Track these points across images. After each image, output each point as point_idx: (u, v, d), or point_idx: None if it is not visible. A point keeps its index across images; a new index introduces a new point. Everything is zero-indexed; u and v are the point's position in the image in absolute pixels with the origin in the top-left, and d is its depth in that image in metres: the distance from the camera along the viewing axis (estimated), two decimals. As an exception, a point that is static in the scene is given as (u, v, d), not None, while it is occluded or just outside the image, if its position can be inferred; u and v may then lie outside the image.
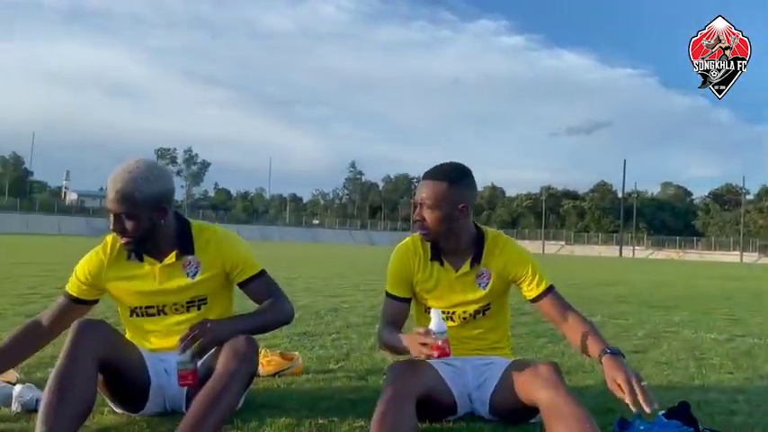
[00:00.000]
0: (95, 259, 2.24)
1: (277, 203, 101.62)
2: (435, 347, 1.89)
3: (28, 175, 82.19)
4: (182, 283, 2.22)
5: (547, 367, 2.02)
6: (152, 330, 2.26)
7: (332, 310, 5.75)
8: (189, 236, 2.23)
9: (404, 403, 1.91)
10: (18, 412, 2.25)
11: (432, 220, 2.20)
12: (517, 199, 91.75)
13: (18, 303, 5.41)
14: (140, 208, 2.06)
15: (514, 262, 2.31)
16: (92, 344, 1.87)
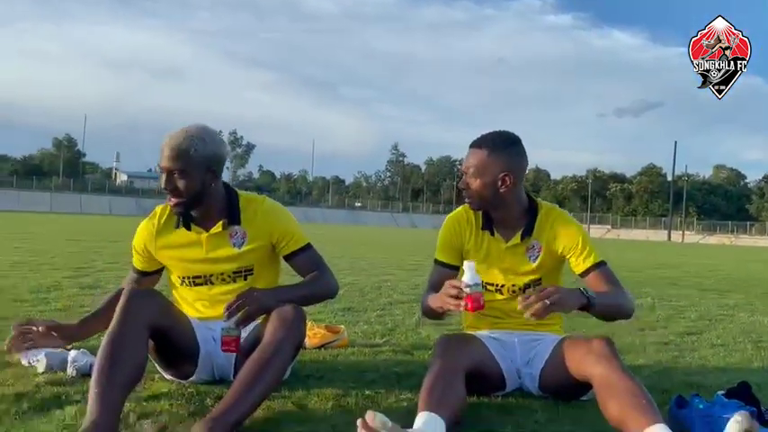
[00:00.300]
0: (145, 229, 2.29)
1: (320, 185, 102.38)
2: (468, 298, 1.87)
3: (80, 156, 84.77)
4: (228, 253, 2.23)
5: (600, 342, 1.95)
6: (199, 300, 2.28)
7: (376, 288, 5.76)
8: (236, 206, 2.24)
9: (453, 376, 1.89)
10: (73, 376, 2.31)
11: (475, 188, 2.18)
12: (562, 182, 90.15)
13: (73, 277, 5.58)
14: (194, 166, 2.07)
15: (565, 235, 2.24)
16: (143, 310, 1.90)
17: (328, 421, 1.94)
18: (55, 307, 3.91)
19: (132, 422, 1.85)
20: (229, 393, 1.77)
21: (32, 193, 57.36)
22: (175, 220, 2.25)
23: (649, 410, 1.69)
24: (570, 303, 1.93)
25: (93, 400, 1.66)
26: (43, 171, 75.33)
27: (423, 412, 1.73)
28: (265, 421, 1.91)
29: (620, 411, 1.73)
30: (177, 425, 1.85)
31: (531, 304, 1.84)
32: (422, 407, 1.76)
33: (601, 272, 2.20)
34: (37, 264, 6.60)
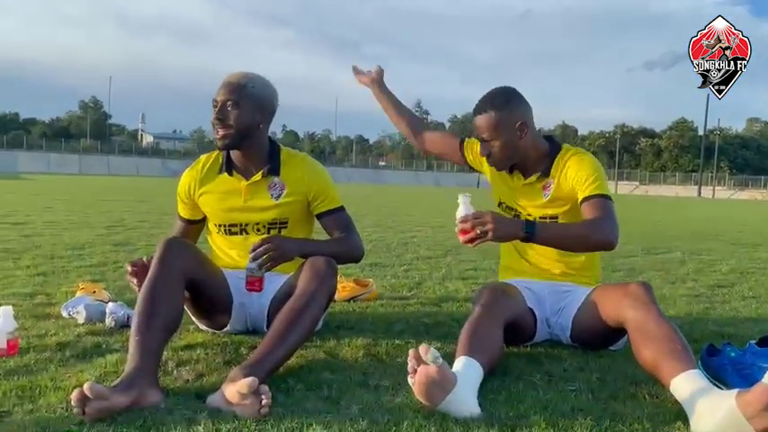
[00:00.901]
0: (189, 176, 2.34)
1: (344, 145, 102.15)
2: (461, 233, 1.89)
3: (107, 118, 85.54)
4: (265, 204, 2.26)
5: (638, 286, 1.94)
6: (233, 249, 2.31)
7: (402, 244, 5.79)
8: (278, 157, 2.28)
9: (493, 325, 1.92)
10: (111, 327, 2.39)
11: (497, 151, 2.19)
12: (590, 138, 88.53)
13: (105, 234, 5.70)
14: (248, 99, 2.14)
15: (575, 169, 2.21)
16: (178, 260, 1.93)
17: (359, 369, 1.98)
18: (90, 263, 4.01)
19: (170, 369, 1.91)
20: (264, 341, 1.82)
21: (62, 155, 58.30)
22: (218, 166, 2.30)
23: (684, 356, 1.69)
24: (503, 233, 1.91)
25: (134, 348, 1.71)
26: (71, 133, 76.34)
27: (462, 356, 1.76)
28: (299, 369, 1.96)
29: (655, 357, 1.73)
30: (213, 372, 1.91)
31: (464, 228, 1.88)
32: (461, 351, 1.79)
33: (595, 202, 2.11)
34: (70, 222, 6.75)
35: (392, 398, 1.71)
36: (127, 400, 1.55)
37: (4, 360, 1.94)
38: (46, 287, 3.17)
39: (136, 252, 4.59)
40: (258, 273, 2.03)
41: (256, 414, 1.54)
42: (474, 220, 1.86)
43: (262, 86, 2.20)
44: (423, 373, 1.58)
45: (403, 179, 64.91)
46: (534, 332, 2.23)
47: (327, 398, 1.71)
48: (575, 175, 2.19)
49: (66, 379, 1.80)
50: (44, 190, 15.43)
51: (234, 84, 2.15)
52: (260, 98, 2.18)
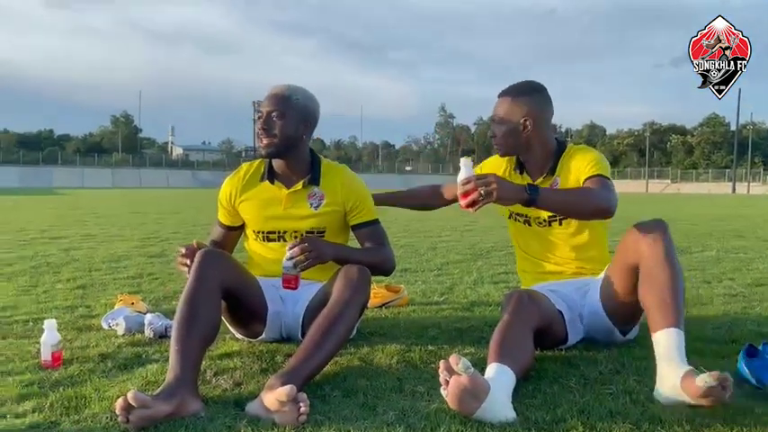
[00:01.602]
0: (231, 183, 2.40)
1: (369, 151, 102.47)
2: (463, 196, 1.88)
3: (138, 132, 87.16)
4: (304, 213, 2.31)
5: (653, 223, 2.01)
6: (270, 256, 2.35)
7: (431, 249, 5.78)
8: (318, 168, 2.34)
9: (523, 331, 1.92)
10: (150, 337, 2.44)
11: (499, 134, 2.31)
12: (618, 137, 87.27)
13: (140, 246, 5.82)
14: (292, 110, 2.22)
15: (578, 162, 2.26)
16: (215, 271, 1.97)
17: (394, 375, 1.99)
18: (127, 275, 4.10)
19: (209, 378, 1.95)
20: (300, 349, 1.85)
21: (95, 170, 59.59)
22: (260, 174, 2.36)
23: (670, 311, 1.81)
24: (506, 195, 1.88)
25: (174, 357, 1.75)
26: (104, 148, 77.98)
27: (493, 363, 1.76)
28: (335, 375, 1.98)
29: (648, 305, 1.88)
30: (251, 381, 1.94)
31: (466, 191, 1.86)
32: (492, 358, 1.79)
33: (595, 179, 2.16)
34: (106, 236, 6.90)
35: (428, 403, 1.72)
36: (168, 408, 1.59)
37: (50, 372, 2.00)
38: (86, 300, 3.25)
39: (171, 263, 4.67)
40: (293, 271, 2.07)
41: (295, 422, 1.57)
42: (477, 181, 1.85)
43: (305, 98, 2.27)
44: (455, 383, 1.58)
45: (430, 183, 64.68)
46: (566, 335, 2.22)
47: (364, 404, 1.72)
48: (577, 165, 2.24)
49: (109, 389, 1.85)
50: (79, 204, 15.79)
51: (279, 95, 2.22)
52: (303, 110, 2.25)
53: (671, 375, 1.70)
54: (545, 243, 2.39)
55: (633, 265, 2.00)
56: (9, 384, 1.88)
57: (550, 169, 2.31)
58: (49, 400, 1.74)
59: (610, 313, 2.20)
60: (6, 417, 1.63)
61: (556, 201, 2.03)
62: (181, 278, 3.77)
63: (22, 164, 58.62)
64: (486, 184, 1.84)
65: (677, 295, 1.86)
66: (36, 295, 3.36)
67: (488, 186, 1.84)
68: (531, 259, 2.45)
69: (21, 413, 1.66)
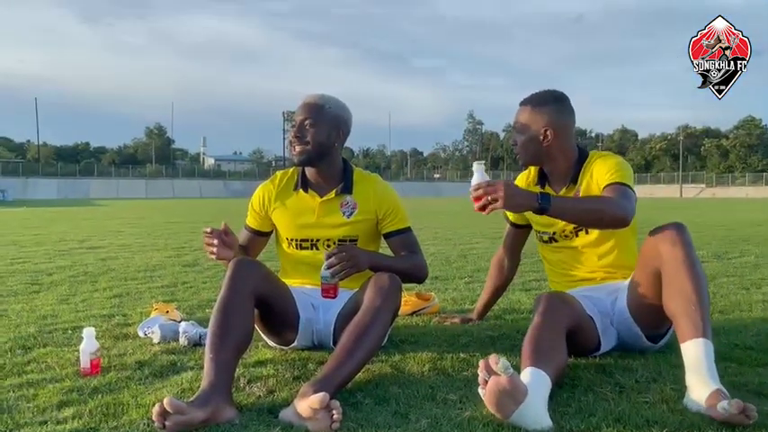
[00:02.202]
0: (265, 190, 2.44)
1: (398, 159, 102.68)
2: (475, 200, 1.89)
3: (170, 143, 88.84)
4: (337, 221, 2.34)
5: (670, 228, 1.98)
6: (304, 265, 2.38)
7: (461, 256, 5.76)
8: (351, 177, 2.37)
9: (555, 333, 1.90)
10: (185, 345, 2.48)
11: (520, 143, 2.30)
12: (651, 141, 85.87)
13: (174, 256, 5.92)
14: (324, 118, 2.26)
15: (599, 169, 2.23)
16: (248, 279, 2.00)
17: (426, 382, 1.98)
18: (161, 284, 4.17)
19: (242, 386, 1.97)
20: (333, 357, 1.86)
21: (129, 181, 60.84)
22: (293, 183, 2.40)
23: (697, 320, 1.80)
24: (514, 203, 1.87)
25: (209, 365, 1.78)
26: (138, 159, 79.63)
27: (528, 367, 1.75)
28: (367, 383, 1.99)
29: (675, 312, 1.87)
30: (284, 388, 1.96)
31: (477, 196, 1.86)
32: (526, 362, 1.78)
33: (614, 187, 2.11)
34: (141, 246, 7.03)
35: (460, 411, 1.71)
36: (203, 414, 1.61)
37: (89, 379, 2.05)
38: (122, 308, 3.32)
39: (204, 272, 4.74)
40: (332, 280, 2.10)
41: (328, 429, 1.57)
42: (486, 188, 1.86)
43: (337, 107, 2.31)
44: (494, 383, 1.57)
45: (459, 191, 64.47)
46: (598, 341, 2.19)
47: (396, 412, 1.72)
48: (598, 173, 2.22)
49: (145, 396, 1.88)
50: (115, 215, 16.13)
51: (312, 104, 2.27)
52: (335, 118, 2.29)
53: (697, 390, 1.70)
54: (572, 253, 2.36)
55: (655, 270, 1.98)
56: (50, 391, 1.92)
57: (572, 179, 2.28)
58: (88, 407, 1.78)
59: (637, 320, 2.17)
60: (48, 423, 1.67)
61: (569, 210, 1.99)
62: (214, 287, 3.84)
63: (60, 176, 60.15)
64: (494, 191, 1.85)
65: (702, 302, 1.83)
66: (75, 304, 3.44)
67: (495, 193, 1.85)
68: (560, 271, 2.43)
69: (61, 419, 1.70)
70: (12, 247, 6.83)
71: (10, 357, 2.33)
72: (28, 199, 37.08)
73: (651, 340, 2.23)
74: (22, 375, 2.10)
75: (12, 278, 4.44)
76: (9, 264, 5.30)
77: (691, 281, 1.86)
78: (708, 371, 1.73)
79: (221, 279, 2.03)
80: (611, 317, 2.23)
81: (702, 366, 1.74)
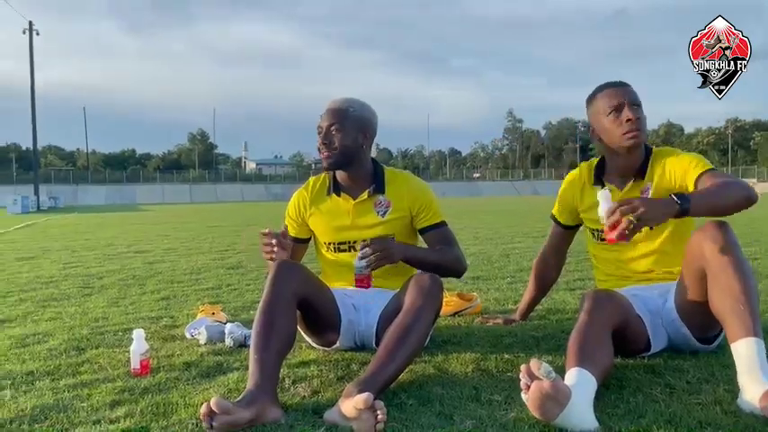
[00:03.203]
0: (300, 197, 2.48)
1: (437, 159, 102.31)
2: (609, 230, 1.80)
3: (213, 148, 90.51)
4: (372, 221, 2.36)
5: (712, 226, 1.91)
6: (342, 267, 2.39)
7: (504, 256, 5.71)
8: (382, 177, 2.39)
9: (601, 332, 1.87)
10: (230, 346, 2.52)
11: (643, 119, 2.21)
12: (698, 135, 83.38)
13: (218, 259, 6.03)
14: (350, 122, 2.28)
15: (674, 165, 2.18)
16: (290, 281, 2.02)
17: (470, 383, 1.97)
18: (206, 286, 4.25)
19: (287, 386, 1.99)
20: (376, 358, 1.86)
21: (174, 186, 62.18)
22: (326, 188, 2.43)
23: (747, 319, 1.74)
24: (658, 214, 1.77)
25: (254, 366, 1.81)
26: (182, 165, 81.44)
27: (573, 368, 1.72)
28: (411, 384, 1.98)
29: (722, 311, 1.82)
30: (328, 389, 1.97)
31: (613, 222, 1.76)
32: (572, 362, 1.75)
33: (712, 173, 2.07)
34: (186, 249, 7.19)
35: (505, 412, 1.69)
36: (249, 414, 1.64)
37: (139, 379, 2.10)
38: (170, 310, 3.40)
39: (248, 274, 4.82)
40: (365, 271, 2.13)
41: (372, 429, 1.58)
42: (623, 208, 1.75)
43: (362, 109, 2.33)
44: (536, 388, 1.55)
45: (499, 190, 63.97)
46: (648, 341, 2.14)
47: (440, 413, 1.71)
48: (674, 168, 2.17)
49: (193, 396, 1.92)
50: (161, 219, 16.52)
51: (336, 109, 2.29)
52: (361, 120, 2.30)
53: (751, 389, 1.65)
54: (628, 251, 2.29)
55: (700, 271, 1.93)
56: (103, 391, 1.98)
57: (638, 174, 2.23)
58: (139, 407, 1.82)
59: (685, 321, 2.12)
60: (101, 422, 1.72)
61: (707, 203, 1.90)
62: (258, 288, 3.89)
63: (108, 182, 61.97)
64: (634, 209, 1.74)
65: (750, 300, 1.78)
66: (124, 307, 3.54)
67: (636, 211, 1.73)
68: (611, 270, 2.37)
69: (114, 419, 1.75)
70: (65, 252, 7.07)
71: (65, 358, 2.41)
72: (78, 205, 38.31)
73: (703, 342, 2.16)
74: (76, 376, 2.17)
75: (65, 282, 4.59)
76: (63, 268, 5.49)
77: (737, 280, 1.80)
78: (760, 370, 1.67)
79: (264, 281, 2.06)
80: (662, 317, 2.18)
81: (754, 366, 1.68)
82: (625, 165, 2.25)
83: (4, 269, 5.49)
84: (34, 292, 4.16)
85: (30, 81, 34.37)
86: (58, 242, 8.69)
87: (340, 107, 2.30)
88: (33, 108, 34.78)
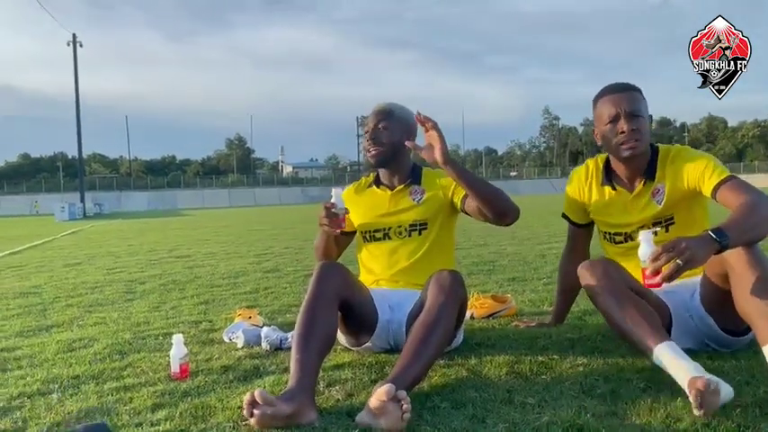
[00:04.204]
0: (347, 191, 2.61)
1: (473, 158, 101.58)
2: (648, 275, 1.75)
3: (250, 153, 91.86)
4: (407, 205, 2.47)
5: None
6: (378, 257, 2.48)
7: (540, 256, 5.65)
8: (419, 173, 2.53)
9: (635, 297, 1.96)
10: (267, 350, 2.57)
11: (644, 129, 2.16)
12: (742, 129, 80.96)
13: (256, 262, 6.12)
14: (396, 122, 2.42)
15: (688, 166, 2.13)
16: (332, 282, 2.07)
17: (503, 386, 1.97)
18: (244, 290, 4.33)
19: (322, 389, 2.02)
20: (401, 357, 1.89)
21: (213, 191, 63.42)
22: (368, 183, 2.58)
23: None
24: (702, 254, 1.71)
25: (295, 366, 1.85)
26: (220, 170, 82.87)
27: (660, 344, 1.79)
28: (443, 387, 1.99)
29: (749, 313, 1.79)
30: (362, 392, 1.99)
31: (658, 267, 1.69)
32: (655, 340, 1.81)
33: (731, 185, 1.99)
34: (225, 253, 7.32)
35: (539, 415, 1.69)
36: (289, 409, 1.69)
37: (179, 383, 2.16)
38: (208, 315, 3.47)
39: (284, 278, 4.89)
40: (341, 211, 2.22)
41: (400, 420, 1.60)
42: (669, 254, 1.68)
43: (405, 112, 2.47)
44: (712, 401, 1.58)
45: (537, 188, 63.32)
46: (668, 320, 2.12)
47: (473, 416, 1.72)
48: (688, 171, 2.12)
49: (231, 399, 1.96)
50: (201, 224, 16.85)
51: (384, 110, 2.45)
52: (405, 120, 2.44)
53: None
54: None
55: (721, 269, 1.90)
56: (144, 395, 2.04)
57: (647, 175, 2.20)
58: (179, 410, 1.88)
59: (712, 313, 2.09)
60: (143, 425, 1.77)
61: (746, 235, 1.81)
62: (294, 292, 3.94)
63: (150, 188, 63.48)
64: (681, 252, 1.68)
65: None
66: (165, 311, 3.63)
67: (683, 254, 1.67)
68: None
69: (155, 421, 1.80)
70: (109, 258, 7.27)
71: (108, 363, 2.49)
72: (122, 211, 39.35)
73: (734, 335, 2.13)
74: (119, 380, 2.25)
75: (109, 287, 4.73)
76: (107, 273, 5.66)
77: (761, 281, 1.76)
78: None
79: (303, 283, 2.10)
80: (690, 311, 2.15)
81: None
82: (629, 169, 2.24)
83: (53, 275, 5.68)
84: (80, 297, 4.30)
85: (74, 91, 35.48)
86: (103, 248, 8.94)
87: (385, 108, 2.45)
88: (78, 117, 35.90)
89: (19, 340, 2.98)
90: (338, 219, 2.23)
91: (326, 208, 2.22)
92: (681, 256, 1.67)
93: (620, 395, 1.83)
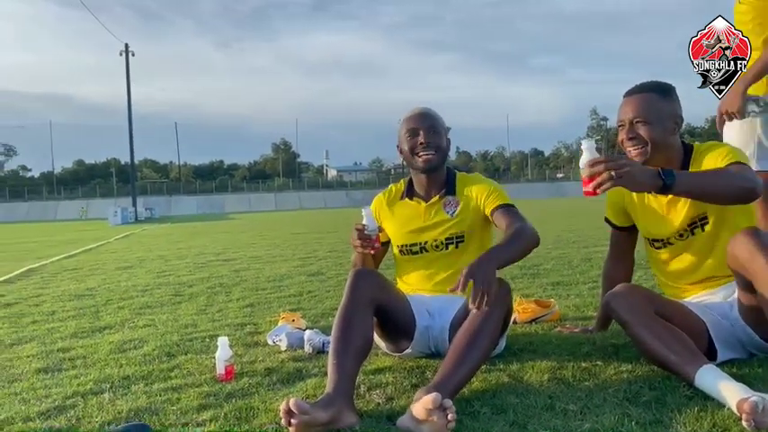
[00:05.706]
0: (378, 200, 2.61)
1: (518, 160, 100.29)
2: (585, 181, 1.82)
3: (296, 157, 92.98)
4: (442, 220, 2.43)
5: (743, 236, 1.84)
6: (415, 270, 2.47)
7: (585, 260, 5.54)
8: (453, 181, 2.48)
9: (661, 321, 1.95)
10: (309, 353, 2.60)
11: (651, 135, 2.10)
12: None
13: (300, 266, 6.20)
14: (441, 126, 2.43)
15: (710, 158, 2.08)
16: (367, 289, 2.09)
17: (545, 392, 1.95)
18: (288, 293, 4.39)
19: (362, 393, 2.04)
20: (445, 363, 1.90)
21: (260, 195, 64.37)
22: (401, 193, 2.55)
23: None
24: (639, 180, 1.76)
25: (332, 371, 1.87)
26: (267, 174, 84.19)
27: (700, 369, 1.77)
28: (484, 392, 1.99)
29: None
30: (402, 396, 2.01)
31: (593, 174, 1.76)
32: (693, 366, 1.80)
33: (733, 166, 1.98)
34: (270, 257, 7.43)
35: (581, 423, 1.67)
36: (326, 415, 1.70)
37: (224, 385, 2.21)
38: (253, 317, 3.54)
39: (327, 281, 4.94)
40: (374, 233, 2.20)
41: (444, 429, 1.60)
42: (608, 163, 1.76)
43: (438, 115, 2.48)
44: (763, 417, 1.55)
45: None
46: (713, 352, 2.05)
47: (514, 422, 1.71)
48: (710, 161, 2.07)
49: (274, 401, 2.00)
50: (247, 228, 17.14)
51: (429, 114, 2.44)
52: (443, 124, 2.46)
53: None
54: (687, 256, 2.21)
55: (746, 280, 1.86)
56: (191, 395, 2.10)
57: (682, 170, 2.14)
58: (223, 411, 1.92)
59: (748, 322, 2.03)
60: (189, 425, 1.83)
61: (694, 184, 1.87)
62: (337, 295, 3.98)
63: (198, 193, 64.96)
64: (619, 166, 1.75)
65: None
66: (211, 314, 3.72)
67: (620, 168, 1.75)
68: (673, 277, 2.29)
69: (201, 422, 1.85)
70: (159, 261, 7.48)
71: (157, 364, 2.57)
72: (172, 215, 40.35)
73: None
74: (167, 381, 2.31)
75: (158, 290, 4.87)
76: (156, 276, 5.82)
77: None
78: None
79: (343, 288, 2.12)
80: (731, 320, 2.08)
81: None
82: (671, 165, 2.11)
83: (106, 278, 5.88)
84: (131, 300, 4.44)
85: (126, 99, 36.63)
86: (153, 252, 9.20)
87: (429, 112, 2.44)
88: (130, 124, 37.03)
89: (74, 341, 3.10)
90: (371, 240, 2.22)
91: (358, 230, 2.22)
92: (617, 170, 1.72)
93: (665, 403, 1.79)
